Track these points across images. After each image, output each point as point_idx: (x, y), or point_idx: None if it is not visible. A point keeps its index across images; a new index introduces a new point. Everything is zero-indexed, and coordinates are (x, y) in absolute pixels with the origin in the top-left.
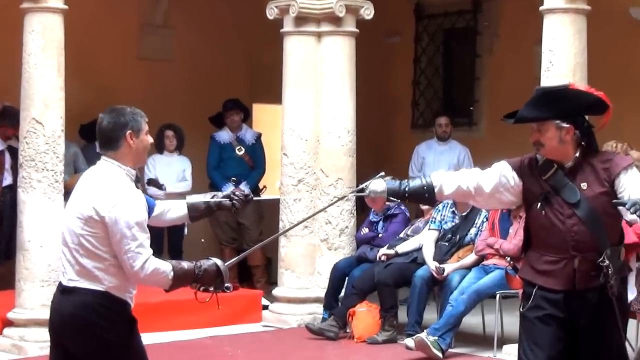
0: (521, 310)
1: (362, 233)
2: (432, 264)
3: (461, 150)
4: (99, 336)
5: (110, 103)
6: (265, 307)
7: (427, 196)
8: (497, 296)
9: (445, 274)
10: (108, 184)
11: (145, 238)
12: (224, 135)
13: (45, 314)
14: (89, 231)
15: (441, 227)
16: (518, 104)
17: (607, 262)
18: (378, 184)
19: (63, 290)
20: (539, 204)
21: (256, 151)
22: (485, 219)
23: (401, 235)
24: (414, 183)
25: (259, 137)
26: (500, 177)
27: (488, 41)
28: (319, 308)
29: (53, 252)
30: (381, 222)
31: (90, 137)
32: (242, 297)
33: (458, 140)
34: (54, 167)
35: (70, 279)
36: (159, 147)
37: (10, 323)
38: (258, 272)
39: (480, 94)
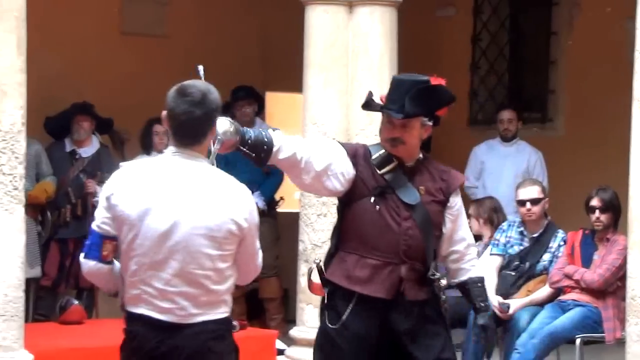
0: (328, 324)
1: None
2: (494, 299)
3: (532, 153)
4: None
5: (85, 89)
6: (281, 352)
7: (263, 155)
8: (578, 341)
9: (511, 311)
10: (232, 186)
11: None
12: None
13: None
14: (227, 250)
15: (506, 251)
16: (605, 93)
17: (438, 274)
18: (223, 123)
19: (176, 328)
20: (373, 198)
21: None
22: (562, 242)
23: None
24: (257, 133)
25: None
26: (333, 159)
27: (567, 13)
28: None
29: (11, 278)
30: None
31: (58, 133)
32: (252, 340)
33: (529, 140)
34: (12, 170)
35: (191, 313)
36: (145, 146)
37: None
38: (272, 307)
39: (557, 81)
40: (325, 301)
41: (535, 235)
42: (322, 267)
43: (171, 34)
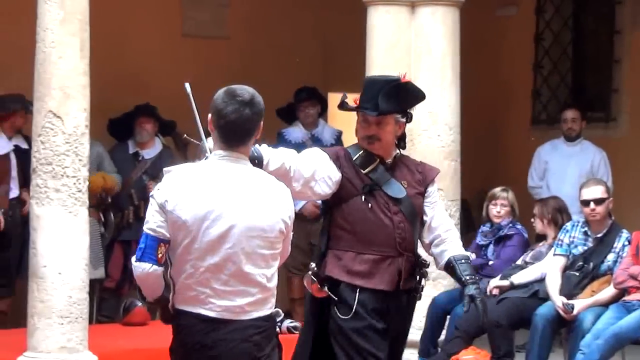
0: (340, 316)
1: None
2: (558, 300)
3: (596, 153)
4: None
5: (147, 91)
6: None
7: None
8: None
9: (575, 312)
10: (276, 186)
11: None
12: (296, 133)
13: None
14: (277, 249)
15: (570, 252)
16: None
17: (428, 261)
18: None
19: (226, 322)
20: (363, 196)
21: None
22: (627, 242)
23: (518, 262)
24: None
25: (339, 136)
26: (318, 165)
27: (631, 12)
28: (412, 355)
29: (75, 280)
30: (492, 246)
31: (121, 135)
32: None
33: (592, 140)
34: (75, 172)
35: (245, 310)
36: None
37: None
38: None
39: (621, 80)
40: (331, 296)
41: (599, 235)
42: (316, 272)
43: (232, 35)
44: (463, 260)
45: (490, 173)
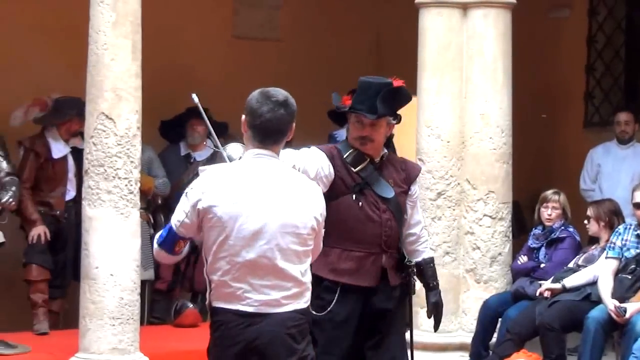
0: (313, 312)
1: (519, 262)
2: (610, 303)
3: None
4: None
5: (199, 93)
6: None
7: None
8: None
9: (627, 315)
10: (308, 184)
11: None
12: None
13: None
14: (309, 245)
15: (622, 255)
16: None
17: (413, 261)
18: (236, 150)
19: (263, 315)
20: (354, 195)
21: None
22: None
23: (570, 265)
24: None
25: (390, 138)
26: (319, 165)
27: None
28: (463, 357)
29: (126, 282)
30: (544, 249)
31: (173, 137)
32: None
33: None
34: (127, 174)
35: (281, 303)
36: None
37: None
38: None
39: None
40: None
41: None
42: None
43: (284, 37)
44: (431, 265)
45: (543, 175)
